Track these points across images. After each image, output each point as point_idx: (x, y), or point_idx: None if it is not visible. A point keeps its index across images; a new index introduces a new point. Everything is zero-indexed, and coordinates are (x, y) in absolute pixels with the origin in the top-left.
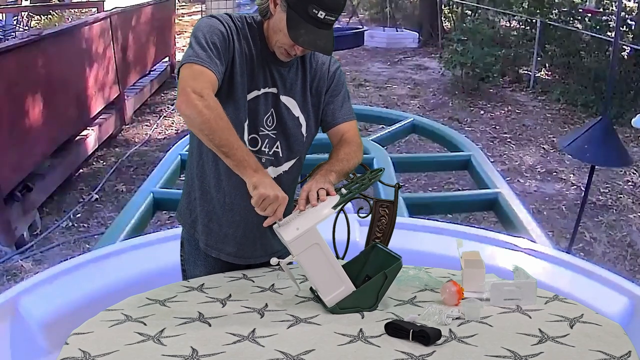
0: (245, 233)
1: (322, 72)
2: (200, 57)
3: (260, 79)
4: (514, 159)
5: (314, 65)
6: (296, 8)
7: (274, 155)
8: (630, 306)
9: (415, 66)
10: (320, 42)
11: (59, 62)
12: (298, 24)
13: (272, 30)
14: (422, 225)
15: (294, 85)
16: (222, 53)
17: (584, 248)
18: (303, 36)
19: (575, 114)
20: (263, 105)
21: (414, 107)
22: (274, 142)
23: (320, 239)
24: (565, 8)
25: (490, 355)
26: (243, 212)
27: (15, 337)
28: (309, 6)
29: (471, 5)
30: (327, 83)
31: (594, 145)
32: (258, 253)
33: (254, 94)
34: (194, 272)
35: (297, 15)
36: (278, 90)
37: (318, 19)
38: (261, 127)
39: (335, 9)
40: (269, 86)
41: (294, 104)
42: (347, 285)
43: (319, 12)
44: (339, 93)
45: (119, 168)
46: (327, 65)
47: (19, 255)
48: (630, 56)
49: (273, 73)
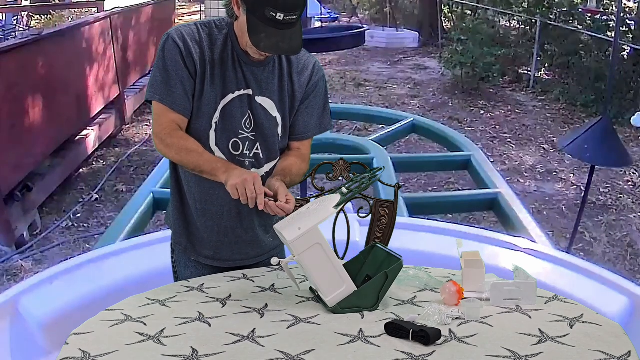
0: (220, 237)
1: (303, 78)
2: (159, 94)
3: (233, 82)
4: (514, 159)
5: (294, 70)
6: (254, 12)
7: (255, 157)
8: (630, 306)
9: (415, 66)
10: (284, 44)
11: (59, 62)
12: (258, 28)
13: (239, 32)
14: (422, 225)
15: (270, 85)
16: (182, 78)
17: (584, 248)
18: (264, 40)
19: (575, 114)
20: (239, 108)
21: (414, 107)
22: (253, 144)
23: (322, 239)
24: (565, 8)
25: (490, 355)
26: (215, 218)
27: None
28: (266, 9)
29: (471, 5)
30: (306, 92)
31: (594, 145)
32: (236, 257)
33: (229, 98)
34: (184, 274)
35: (256, 19)
36: (253, 92)
37: (277, 21)
38: (240, 130)
39: (292, 8)
40: (243, 88)
41: (271, 104)
42: (349, 285)
43: (277, 14)
44: (315, 105)
45: (119, 168)
46: (309, 73)
47: (19, 255)
48: (630, 56)
49: (246, 74)
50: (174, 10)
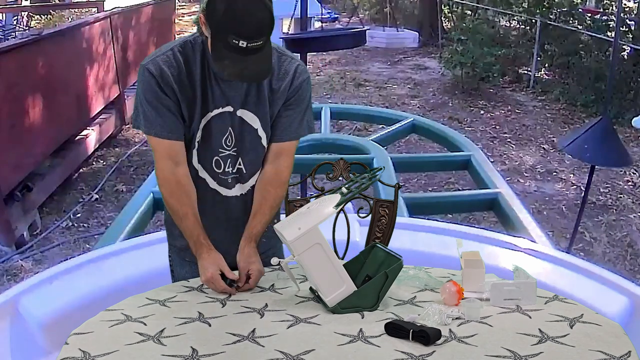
0: (220, 237)
1: (283, 84)
2: (152, 123)
3: (212, 100)
4: (514, 159)
5: (275, 77)
6: (217, 37)
7: (239, 173)
8: (630, 306)
9: (415, 66)
10: (248, 72)
11: (59, 62)
12: (221, 54)
13: None
14: (422, 225)
15: (248, 97)
16: (168, 106)
17: (584, 248)
18: (228, 68)
19: (575, 114)
20: (220, 125)
21: (414, 107)
22: (235, 160)
23: (322, 239)
24: (565, 8)
25: (490, 355)
26: (218, 217)
27: (15, 337)
28: (228, 36)
29: (471, 5)
30: (287, 95)
31: (594, 145)
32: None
33: (209, 116)
34: (180, 273)
35: (220, 44)
36: (233, 108)
37: (240, 48)
38: (220, 149)
39: (255, 36)
40: (222, 105)
41: (252, 117)
42: (349, 285)
43: (239, 41)
44: (297, 107)
45: (119, 168)
46: (290, 78)
47: (19, 255)
48: (630, 56)
49: (224, 91)
50: (174, 10)
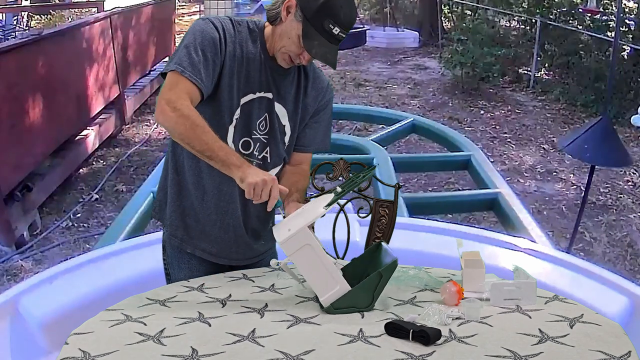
0: (221, 233)
1: (317, 94)
2: (183, 66)
3: (256, 83)
4: (514, 159)
5: (310, 84)
6: (313, 21)
7: (263, 160)
8: (630, 306)
9: (415, 66)
10: (330, 56)
11: (59, 62)
12: (313, 36)
13: (277, 36)
14: (422, 225)
15: (287, 94)
16: (212, 60)
17: (584, 248)
18: (316, 47)
19: (575, 114)
20: (257, 109)
21: (414, 107)
22: (264, 147)
23: (312, 240)
24: (565, 8)
25: (490, 355)
26: (220, 212)
27: (15, 337)
28: (325, 21)
29: (471, 5)
30: (317, 107)
31: (594, 145)
32: (234, 256)
33: (249, 97)
34: (178, 275)
35: (313, 27)
36: (273, 96)
37: (332, 34)
38: (254, 131)
39: (348, 26)
40: (264, 90)
41: (284, 112)
42: (342, 285)
43: (334, 27)
44: (322, 121)
45: (119, 168)
46: (323, 91)
47: (19, 255)
48: (630, 56)
49: (269, 78)
50: (174, 10)
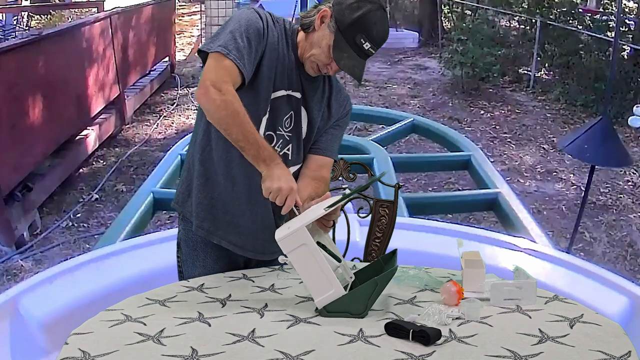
0: (249, 223)
1: (338, 106)
2: (228, 49)
3: (286, 81)
4: (514, 159)
5: (334, 95)
6: (345, 33)
7: (284, 157)
8: (630, 306)
9: (415, 66)
10: (357, 70)
11: (59, 62)
12: (343, 48)
13: (308, 44)
14: (422, 225)
15: (313, 99)
16: (255, 48)
17: (584, 248)
18: (345, 60)
19: (575, 114)
20: (285, 106)
21: (414, 107)
22: (286, 144)
23: (309, 240)
24: (565, 8)
25: (490, 355)
26: (251, 202)
27: (15, 337)
28: (358, 35)
29: (471, 5)
30: (336, 117)
31: (594, 145)
32: (259, 248)
33: (279, 94)
34: (192, 273)
35: (344, 39)
36: (301, 97)
37: (362, 49)
38: (279, 127)
39: (379, 43)
40: (294, 89)
41: (305, 115)
42: (337, 288)
43: (366, 42)
44: (340, 130)
45: (119, 168)
46: (344, 104)
47: (19, 255)
48: (630, 56)
49: (300, 79)
50: (174, 10)
